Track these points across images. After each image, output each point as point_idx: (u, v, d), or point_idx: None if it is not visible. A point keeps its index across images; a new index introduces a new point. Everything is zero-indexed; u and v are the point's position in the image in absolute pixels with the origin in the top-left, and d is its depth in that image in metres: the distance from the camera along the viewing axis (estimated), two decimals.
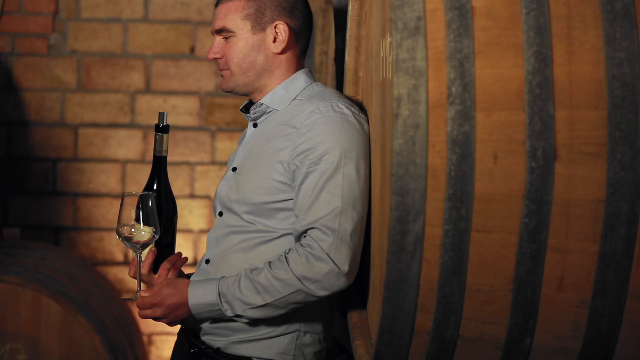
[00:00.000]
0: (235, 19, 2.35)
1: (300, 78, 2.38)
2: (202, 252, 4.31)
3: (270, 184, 2.31)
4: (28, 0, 4.24)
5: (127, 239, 2.31)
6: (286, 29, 2.34)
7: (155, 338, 4.28)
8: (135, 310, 4.24)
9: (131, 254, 4.29)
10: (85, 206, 4.29)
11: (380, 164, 2.17)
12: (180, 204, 4.30)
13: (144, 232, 2.37)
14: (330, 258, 2.20)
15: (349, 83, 2.46)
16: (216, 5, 2.42)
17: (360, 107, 2.41)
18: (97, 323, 3.55)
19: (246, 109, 2.49)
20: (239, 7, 2.35)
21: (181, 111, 4.30)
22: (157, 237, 2.31)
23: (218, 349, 2.36)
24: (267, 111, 2.40)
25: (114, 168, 4.30)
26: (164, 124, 2.43)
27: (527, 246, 1.83)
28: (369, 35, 2.37)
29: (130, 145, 4.30)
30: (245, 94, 2.45)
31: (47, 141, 4.28)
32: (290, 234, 2.30)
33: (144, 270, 2.41)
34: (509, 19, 1.84)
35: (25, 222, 4.24)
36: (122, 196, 2.34)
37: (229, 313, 2.27)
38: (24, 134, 4.27)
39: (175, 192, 4.31)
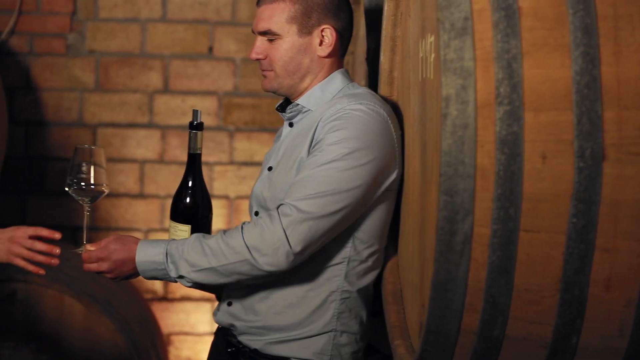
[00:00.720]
0: (280, 21, 2.33)
1: (337, 79, 2.38)
2: None
3: None
4: (46, 0, 4.24)
5: (84, 190, 2.33)
6: (333, 32, 2.33)
7: (174, 338, 4.28)
8: (156, 309, 4.24)
9: None
10: (103, 206, 4.28)
11: (420, 164, 2.17)
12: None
13: (181, 231, 2.39)
14: (285, 234, 2.18)
15: (384, 83, 2.46)
16: (258, 4, 2.40)
17: (395, 108, 2.42)
18: (120, 323, 3.55)
19: (282, 108, 2.49)
20: (285, 9, 2.33)
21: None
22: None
23: (255, 350, 2.36)
24: (303, 111, 2.40)
25: (132, 168, 4.29)
26: (198, 121, 2.44)
27: (575, 246, 1.83)
28: (404, 36, 2.38)
29: (148, 145, 4.30)
30: (286, 95, 2.44)
31: (66, 141, 4.27)
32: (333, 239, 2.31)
33: None
34: (555, 20, 1.84)
35: (43, 222, 4.21)
36: (75, 150, 2.38)
37: (173, 274, 2.26)
38: (42, 134, 4.27)
39: None
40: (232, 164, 4.30)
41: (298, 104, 2.41)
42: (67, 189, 2.38)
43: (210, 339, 4.27)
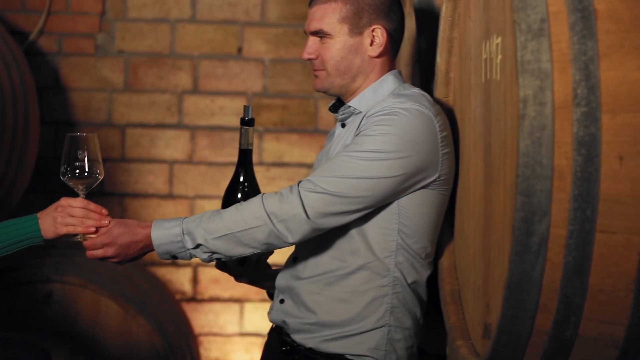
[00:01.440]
0: (332, 21, 2.36)
1: (389, 80, 2.39)
2: None
3: None
4: (75, 0, 4.24)
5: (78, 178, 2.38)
6: (384, 32, 2.35)
7: (203, 339, 4.28)
8: (185, 310, 4.24)
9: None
10: (132, 206, 4.28)
11: (483, 164, 2.18)
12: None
13: None
14: (302, 202, 2.22)
15: (440, 84, 2.47)
16: (310, 5, 2.42)
17: (451, 110, 2.42)
18: (156, 324, 3.55)
19: (334, 108, 2.49)
20: (336, 10, 2.35)
21: (228, 112, 4.30)
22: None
23: (311, 348, 2.37)
24: (355, 112, 2.41)
25: (161, 168, 4.29)
26: (249, 117, 2.44)
27: None
28: (462, 37, 2.38)
29: (177, 146, 4.30)
30: (338, 95, 2.45)
31: None
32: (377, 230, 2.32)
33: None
34: (631, 22, 1.85)
35: None
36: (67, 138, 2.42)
37: (190, 244, 2.27)
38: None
39: (222, 193, 4.31)
40: (261, 164, 4.30)
41: (350, 106, 2.41)
42: (61, 177, 2.40)
43: (239, 340, 4.30)
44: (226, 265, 2.53)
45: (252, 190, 2.48)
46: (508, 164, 2.01)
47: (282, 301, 2.45)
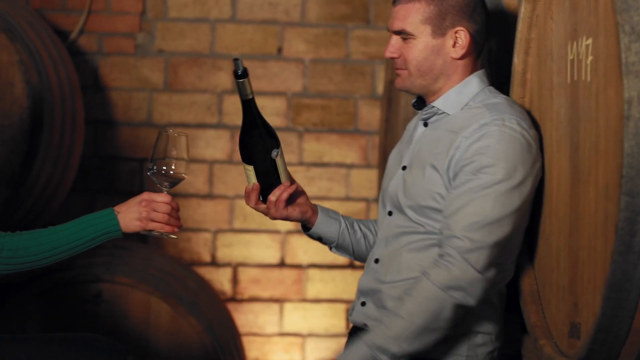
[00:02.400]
0: (415, 21, 2.35)
1: (474, 82, 2.39)
2: (290, 253, 4.31)
3: (437, 191, 2.32)
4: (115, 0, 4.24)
5: (165, 175, 2.36)
6: (467, 34, 2.35)
7: (242, 339, 4.28)
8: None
9: (219, 249, 4.30)
10: None
11: (569, 165, 2.19)
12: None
13: (248, 171, 2.42)
14: (470, 265, 2.22)
15: (517, 85, 2.47)
16: (394, 3, 2.41)
17: (529, 112, 2.42)
18: (206, 324, 3.55)
19: (417, 105, 2.48)
20: (420, 10, 2.35)
21: (268, 112, 4.30)
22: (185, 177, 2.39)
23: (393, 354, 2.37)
24: (438, 112, 2.41)
25: (201, 168, 4.29)
26: (241, 69, 2.42)
27: None
28: (541, 38, 2.39)
29: (217, 146, 4.30)
30: (419, 94, 2.45)
31: (134, 141, 4.27)
32: None
33: (252, 203, 2.45)
34: None
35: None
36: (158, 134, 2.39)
37: (386, 357, 2.25)
38: (111, 133, 4.26)
39: None
40: (301, 164, 4.30)
41: (434, 106, 2.41)
42: (147, 172, 2.40)
43: (279, 340, 4.31)
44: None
45: (259, 136, 2.45)
46: (601, 164, 2.01)
47: (363, 304, 2.45)
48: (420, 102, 2.48)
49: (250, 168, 2.45)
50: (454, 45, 2.36)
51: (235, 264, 4.30)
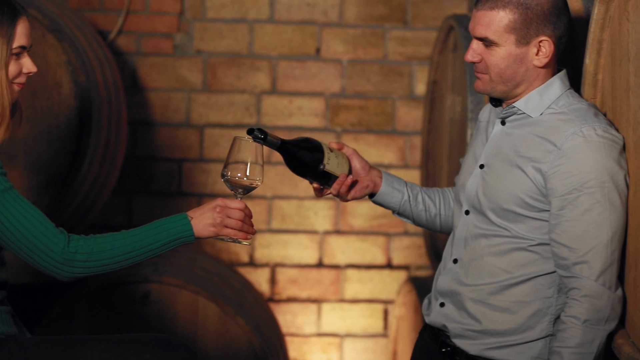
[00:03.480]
0: (499, 29, 2.31)
1: (556, 85, 2.37)
2: (328, 253, 4.31)
3: (521, 195, 2.31)
4: (154, 0, 4.23)
5: (239, 181, 2.40)
6: (550, 44, 2.32)
7: (285, 339, 4.28)
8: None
9: (257, 250, 4.30)
10: None
11: None
12: (305, 205, 4.31)
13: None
14: (606, 287, 2.24)
15: (588, 86, 2.47)
16: (476, 7, 2.37)
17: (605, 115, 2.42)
18: (254, 324, 3.54)
19: (496, 103, 2.46)
20: (504, 18, 2.30)
21: (306, 112, 4.30)
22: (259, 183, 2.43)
23: (473, 356, 2.37)
24: (518, 112, 2.40)
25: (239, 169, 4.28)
26: (261, 136, 2.44)
27: None
28: (614, 39, 2.39)
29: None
30: (499, 98, 2.44)
31: (173, 141, 4.27)
32: (546, 244, 2.31)
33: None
34: None
35: None
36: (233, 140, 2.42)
37: None
38: (149, 134, 4.26)
39: (300, 193, 4.33)
40: None
41: (514, 107, 2.41)
42: (222, 178, 2.41)
43: (317, 340, 4.30)
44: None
45: (310, 158, 2.48)
46: None
47: (442, 305, 2.45)
48: (497, 99, 2.46)
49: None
50: (537, 54, 2.33)
51: (274, 264, 4.30)
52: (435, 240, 3.83)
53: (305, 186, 4.24)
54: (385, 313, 4.34)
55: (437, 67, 3.85)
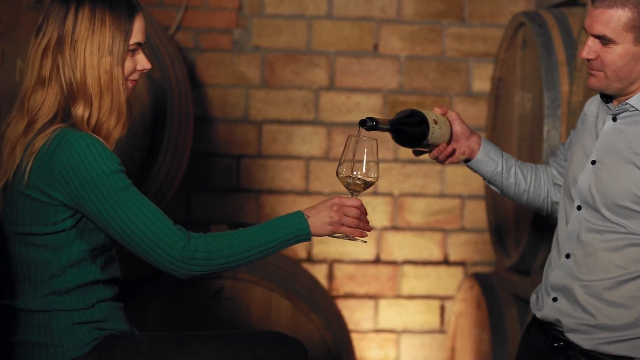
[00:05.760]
0: (617, 27, 2.31)
1: None
2: (385, 249, 4.32)
3: (637, 192, 2.33)
4: None
5: (354, 179, 2.38)
6: None
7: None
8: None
9: (315, 246, 4.30)
10: (268, 203, 4.28)
11: None
12: (363, 201, 4.30)
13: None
14: None
15: None
16: (594, 5, 2.38)
17: None
18: (326, 320, 3.55)
19: (606, 99, 2.47)
20: (623, 16, 2.30)
21: (364, 108, 4.31)
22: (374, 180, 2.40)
23: (587, 350, 2.38)
24: (631, 109, 2.41)
25: (297, 165, 4.29)
26: (369, 124, 2.44)
27: None
28: None
29: (314, 142, 4.30)
30: (612, 95, 2.45)
31: (231, 137, 4.26)
32: None
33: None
34: None
35: (208, 219, 4.22)
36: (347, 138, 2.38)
37: None
38: (207, 130, 4.25)
39: None
40: (397, 161, 4.31)
41: (627, 104, 2.42)
42: (337, 176, 2.40)
43: (374, 336, 4.31)
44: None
45: (416, 132, 2.52)
46: None
47: (555, 299, 2.46)
48: (608, 96, 2.47)
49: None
50: None
51: (331, 260, 4.31)
52: (502, 235, 3.85)
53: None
54: (442, 309, 4.36)
55: (503, 64, 3.86)
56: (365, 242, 2.41)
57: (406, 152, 4.30)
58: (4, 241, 2.33)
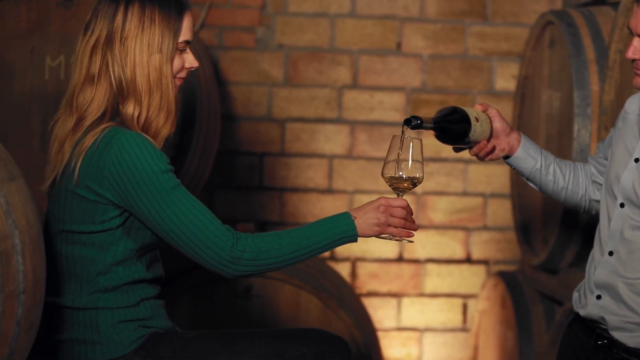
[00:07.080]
0: None
1: None
2: (408, 248, 4.33)
3: None
4: None
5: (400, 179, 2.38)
6: None
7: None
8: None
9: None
10: (292, 201, 4.28)
11: None
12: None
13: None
14: None
15: None
16: (638, 3, 2.40)
17: None
18: (355, 318, 3.55)
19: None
20: None
21: (387, 107, 4.31)
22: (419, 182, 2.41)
23: (631, 348, 2.39)
24: None
25: (320, 163, 4.29)
26: (414, 122, 2.45)
27: None
28: None
29: (337, 140, 4.30)
30: None
31: (254, 136, 4.26)
32: None
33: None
34: None
35: (231, 217, 4.22)
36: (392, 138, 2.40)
37: None
38: (230, 128, 4.25)
39: (381, 187, 4.33)
40: None
41: None
42: (382, 176, 2.40)
43: (396, 334, 4.32)
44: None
45: (458, 129, 2.52)
46: None
47: (598, 297, 2.47)
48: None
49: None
50: None
51: (354, 258, 4.31)
52: (529, 233, 3.85)
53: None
54: (464, 307, 4.36)
55: (529, 62, 3.86)
56: (412, 242, 2.41)
57: (429, 150, 4.31)
58: (50, 239, 2.33)
